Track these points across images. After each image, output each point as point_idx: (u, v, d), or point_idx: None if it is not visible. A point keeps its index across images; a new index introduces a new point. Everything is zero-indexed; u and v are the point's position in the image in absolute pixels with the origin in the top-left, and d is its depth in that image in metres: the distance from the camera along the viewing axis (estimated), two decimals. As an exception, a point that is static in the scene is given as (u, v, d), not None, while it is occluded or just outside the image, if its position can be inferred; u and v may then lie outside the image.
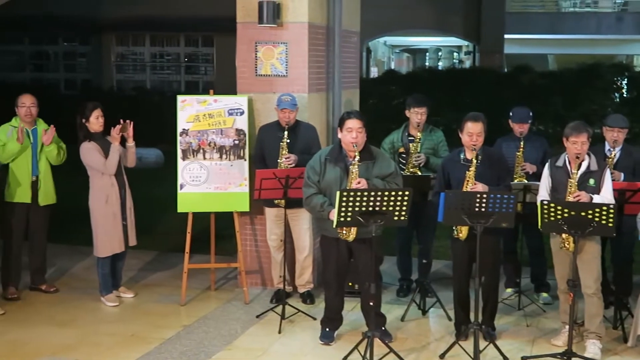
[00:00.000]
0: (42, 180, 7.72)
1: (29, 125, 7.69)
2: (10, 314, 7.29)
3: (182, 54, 24.55)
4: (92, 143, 7.35)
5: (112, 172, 7.36)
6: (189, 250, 7.63)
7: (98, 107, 7.44)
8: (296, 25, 7.63)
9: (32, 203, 7.67)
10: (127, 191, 7.57)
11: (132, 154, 7.57)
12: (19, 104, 7.67)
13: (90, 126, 7.38)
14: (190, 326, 7.03)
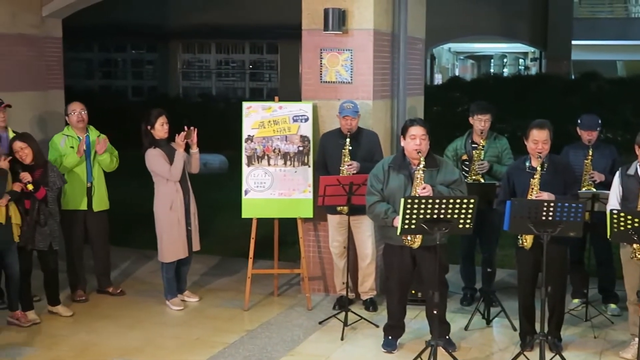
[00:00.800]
0: (96, 187, 7.87)
1: (81, 131, 7.84)
2: (79, 316, 7.44)
3: (247, 61, 24.79)
4: (157, 150, 7.45)
5: (176, 178, 7.45)
6: (253, 255, 7.68)
7: (163, 114, 7.55)
8: (361, 32, 7.64)
9: (87, 209, 7.83)
10: (191, 197, 7.66)
11: (196, 160, 7.65)
12: (69, 112, 7.84)
13: (155, 133, 7.48)
14: (253, 331, 7.08)
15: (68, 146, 7.71)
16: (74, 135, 7.79)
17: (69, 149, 7.70)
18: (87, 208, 7.81)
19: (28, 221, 7.02)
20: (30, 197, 7.02)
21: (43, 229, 7.12)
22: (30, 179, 6.95)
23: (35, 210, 7.04)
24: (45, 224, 7.13)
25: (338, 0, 7.61)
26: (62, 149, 7.69)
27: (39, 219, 7.07)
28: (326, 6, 7.56)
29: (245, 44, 24.50)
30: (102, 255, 8.08)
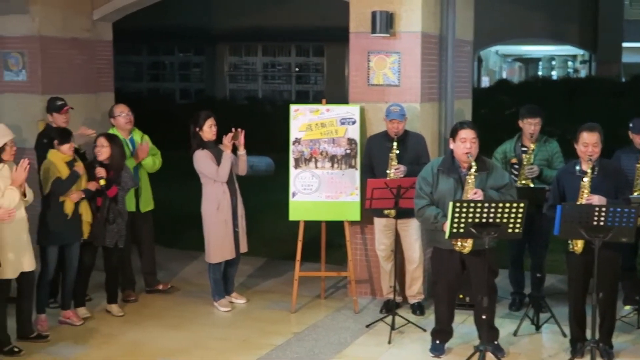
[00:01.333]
0: (142, 188, 7.97)
1: (127, 133, 7.93)
2: (129, 315, 7.53)
3: (293, 64, 24.86)
4: (205, 151, 7.50)
5: (223, 179, 7.50)
6: (300, 258, 7.70)
7: (211, 116, 7.60)
8: (409, 35, 7.62)
9: (135, 211, 7.92)
10: (239, 198, 7.70)
11: (244, 162, 7.69)
12: (116, 114, 7.94)
13: (203, 135, 7.54)
14: (301, 333, 7.09)
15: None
16: (120, 137, 7.89)
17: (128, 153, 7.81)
18: (135, 209, 7.91)
19: (98, 218, 7.17)
20: (102, 195, 7.16)
21: (111, 227, 7.26)
22: (104, 174, 7.09)
23: (106, 208, 7.17)
24: (114, 222, 7.26)
25: (386, 3, 7.60)
26: None
27: (108, 216, 7.20)
28: (374, 9, 7.55)
29: (292, 46, 24.59)
30: (148, 255, 8.19)
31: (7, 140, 6.36)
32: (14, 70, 9.11)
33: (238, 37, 23.96)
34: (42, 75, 9.03)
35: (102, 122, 9.63)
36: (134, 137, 8.00)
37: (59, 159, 6.93)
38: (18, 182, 6.33)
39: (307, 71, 24.85)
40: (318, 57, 24.40)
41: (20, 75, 9.08)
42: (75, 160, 7.05)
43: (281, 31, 22.75)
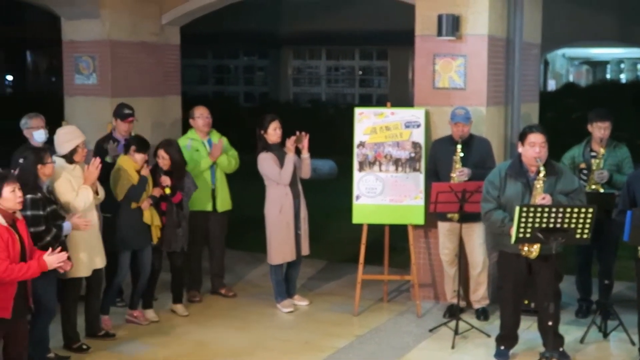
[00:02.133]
0: (219, 188, 8.05)
1: (204, 135, 8.03)
2: (194, 316, 7.63)
3: (357, 67, 24.89)
4: (269, 153, 7.55)
5: (286, 182, 7.53)
6: (363, 261, 7.69)
7: (276, 119, 7.65)
8: (476, 38, 7.56)
9: (212, 210, 8.01)
10: (302, 201, 7.73)
11: (307, 165, 7.71)
12: (196, 116, 8.03)
13: (268, 137, 7.59)
14: (363, 336, 7.08)
15: (194, 149, 7.92)
16: (198, 138, 7.99)
17: (195, 152, 7.91)
18: (211, 209, 8.00)
19: (168, 224, 7.29)
20: (166, 200, 7.28)
21: (178, 231, 7.37)
22: (169, 183, 7.20)
23: (174, 213, 7.29)
24: (180, 227, 7.38)
25: (452, 6, 7.55)
26: (188, 152, 7.90)
27: (175, 222, 7.32)
28: (440, 12, 7.51)
29: (355, 50, 24.63)
30: (218, 256, 8.27)
31: (79, 142, 6.50)
32: (84, 74, 9.32)
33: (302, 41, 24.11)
34: (111, 79, 9.22)
35: (169, 125, 9.82)
36: (212, 138, 8.08)
37: (130, 166, 7.03)
38: (90, 181, 6.48)
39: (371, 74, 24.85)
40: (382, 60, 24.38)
41: (90, 78, 9.29)
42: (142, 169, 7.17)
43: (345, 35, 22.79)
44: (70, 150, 6.45)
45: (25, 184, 5.57)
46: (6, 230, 5.24)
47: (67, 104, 9.58)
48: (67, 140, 6.48)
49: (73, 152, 6.47)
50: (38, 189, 5.97)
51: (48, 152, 6.17)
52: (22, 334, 5.58)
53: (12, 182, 5.31)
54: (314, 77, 25.26)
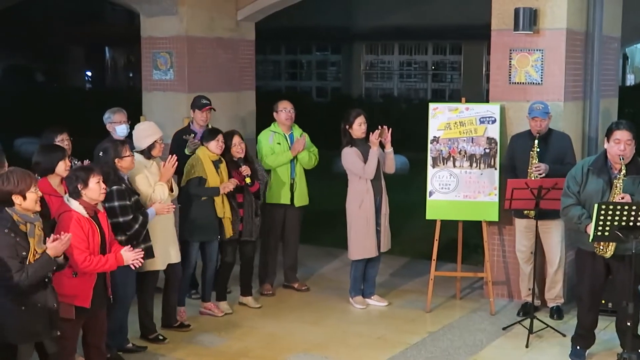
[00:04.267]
0: (298, 183, 8.09)
1: (287, 129, 8.09)
2: (266, 308, 7.71)
3: (430, 62, 24.69)
4: (353, 148, 7.54)
5: (370, 176, 7.50)
6: (436, 257, 7.65)
7: (361, 114, 7.62)
8: (553, 32, 7.43)
9: (289, 204, 8.07)
10: (384, 197, 7.67)
11: (391, 159, 7.67)
12: (279, 109, 8.08)
13: (353, 132, 7.57)
14: (436, 333, 7.05)
15: (275, 142, 7.99)
16: (280, 132, 8.05)
17: (277, 146, 7.98)
18: (289, 203, 8.07)
19: (247, 213, 7.38)
20: (243, 190, 7.36)
21: (255, 220, 7.47)
22: (249, 172, 7.28)
23: (253, 203, 7.38)
24: (258, 216, 7.48)
25: (530, 0, 7.43)
26: (270, 145, 7.98)
27: (254, 210, 7.41)
28: (517, 5, 7.41)
29: (429, 44, 24.42)
30: (292, 250, 8.33)
31: (156, 137, 6.64)
32: (162, 70, 9.50)
33: (375, 36, 24.01)
34: (188, 74, 9.37)
35: (244, 120, 9.93)
36: (294, 133, 8.14)
37: (206, 156, 7.16)
38: (166, 178, 6.61)
39: (444, 69, 24.61)
40: (455, 55, 24.11)
41: (168, 74, 9.46)
42: (220, 160, 7.26)
43: (418, 29, 22.62)
44: (148, 145, 6.59)
45: (105, 177, 5.70)
46: (87, 222, 5.38)
47: (145, 99, 9.77)
48: (146, 136, 6.62)
49: (151, 148, 6.61)
50: (121, 180, 6.13)
51: (127, 145, 6.30)
52: (101, 324, 5.73)
53: (97, 174, 5.45)
54: (386, 72, 25.14)
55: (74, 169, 5.64)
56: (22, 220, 4.85)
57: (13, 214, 4.84)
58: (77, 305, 5.36)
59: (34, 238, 4.87)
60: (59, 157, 5.89)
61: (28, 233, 4.85)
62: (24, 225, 4.85)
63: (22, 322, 4.87)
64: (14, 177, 4.86)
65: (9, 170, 4.98)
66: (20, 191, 4.85)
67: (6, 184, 4.84)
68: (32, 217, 4.91)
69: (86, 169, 5.51)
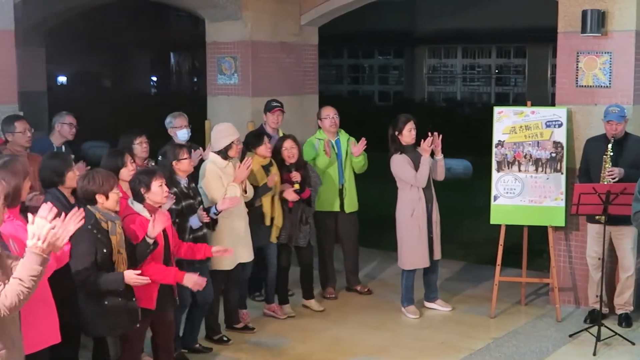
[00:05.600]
0: (347, 189, 8.09)
1: (333, 136, 8.09)
2: (329, 312, 7.73)
3: (493, 66, 24.46)
4: (403, 155, 7.43)
5: (422, 184, 7.39)
6: (500, 262, 7.57)
7: (411, 119, 7.54)
8: (622, 34, 7.29)
9: (340, 211, 8.07)
10: (435, 205, 7.58)
11: (441, 167, 7.58)
12: (323, 116, 8.11)
13: (402, 138, 7.48)
14: (500, 339, 6.97)
15: (321, 149, 8.02)
16: (325, 138, 8.08)
17: (322, 152, 8.01)
18: (339, 209, 8.08)
19: (292, 220, 7.39)
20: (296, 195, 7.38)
21: (305, 227, 7.49)
22: (299, 179, 7.31)
23: (300, 209, 7.41)
24: (307, 223, 7.50)
25: (598, 1, 7.31)
26: (316, 151, 8.01)
27: (302, 218, 7.44)
28: (585, 7, 7.29)
29: (492, 48, 24.20)
30: (351, 254, 8.34)
31: (234, 139, 6.71)
32: (226, 74, 9.60)
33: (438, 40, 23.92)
34: (252, 78, 9.45)
35: (306, 124, 9.96)
36: (340, 138, 8.16)
37: (256, 162, 7.13)
38: (240, 179, 6.68)
39: (508, 73, 24.36)
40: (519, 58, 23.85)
41: (232, 78, 9.56)
42: (271, 164, 7.28)
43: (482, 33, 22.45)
44: (225, 146, 6.67)
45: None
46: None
47: (209, 104, 9.89)
48: (223, 137, 6.70)
49: (228, 148, 6.68)
50: (175, 184, 6.19)
51: (185, 149, 6.35)
52: (168, 325, 5.81)
53: (160, 177, 5.54)
54: (449, 75, 25.01)
55: (137, 172, 5.73)
56: (104, 218, 5.01)
57: (96, 212, 4.99)
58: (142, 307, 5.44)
59: (116, 236, 5.03)
60: (122, 163, 5.98)
61: (110, 231, 5.00)
62: (106, 223, 5.00)
63: (105, 315, 5.07)
64: (98, 177, 5.06)
65: (94, 171, 5.17)
66: (104, 191, 5.03)
67: (91, 184, 5.02)
68: (113, 215, 5.07)
69: (148, 172, 5.60)
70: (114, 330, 5.20)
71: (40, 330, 4.49)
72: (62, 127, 7.53)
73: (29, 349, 4.39)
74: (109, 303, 5.05)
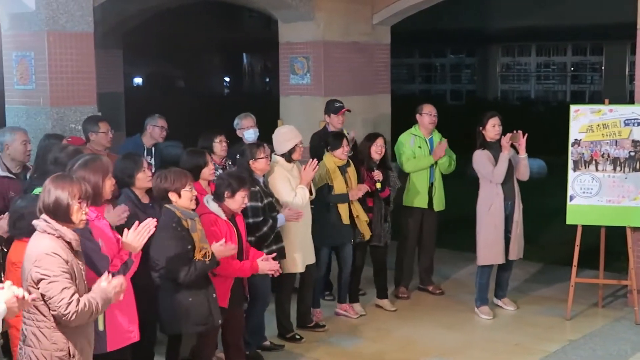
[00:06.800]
0: (437, 187, 8.04)
1: (428, 133, 8.05)
2: (401, 311, 7.70)
3: (569, 63, 24.00)
4: (485, 151, 7.41)
5: (498, 180, 7.34)
6: (577, 263, 7.42)
7: (495, 115, 7.48)
8: None
9: (427, 208, 8.03)
10: (517, 203, 7.46)
11: (524, 166, 7.46)
12: (424, 112, 8.04)
13: (486, 134, 7.44)
14: (576, 342, 6.85)
15: (416, 146, 7.98)
16: (421, 135, 8.03)
17: (417, 149, 7.97)
18: (427, 207, 8.04)
19: (375, 219, 7.39)
20: (373, 195, 7.38)
21: (384, 226, 7.49)
22: (381, 178, 7.31)
23: (382, 208, 7.41)
24: (387, 221, 7.50)
25: (679, -4, 7.12)
26: (411, 148, 7.97)
27: (383, 216, 7.44)
28: (665, 3, 7.11)
29: (568, 45, 23.75)
30: (428, 253, 8.30)
31: (297, 141, 6.74)
32: (299, 74, 9.67)
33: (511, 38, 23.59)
34: (324, 78, 9.50)
35: (378, 123, 9.97)
36: (434, 137, 8.12)
37: (331, 162, 7.16)
38: (306, 181, 6.70)
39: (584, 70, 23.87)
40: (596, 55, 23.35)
41: (305, 78, 9.63)
42: (348, 164, 7.29)
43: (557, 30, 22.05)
44: (289, 149, 6.71)
45: None
46: (225, 224, 5.54)
47: (282, 104, 9.97)
48: (286, 140, 6.74)
49: (291, 151, 6.71)
50: (255, 182, 6.26)
51: (262, 148, 6.40)
52: (238, 322, 5.89)
53: (246, 189, 5.60)
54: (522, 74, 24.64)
55: (230, 174, 5.77)
56: (183, 216, 5.09)
57: (175, 211, 5.09)
58: (216, 305, 5.53)
59: (197, 233, 5.11)
60: (204, 162, 6.08)
61: (190, 229, 5.08)
62: (186, 221, 5.08)
63: (188, 312, 5.14)
64: (170, 175, 5.16)
65: (167, 170, 5.26)
66: (176, 189, 5.11)
67: (163, 182, 5.12)
68: (191, 213, 5.16)
69: (240, 180, 5.62)
70: (193, 327, 5.26)
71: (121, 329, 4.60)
72: (153, 130, 7.73)
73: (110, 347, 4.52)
74: (192, 300, 5.12)
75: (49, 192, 3.90)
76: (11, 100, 7.78)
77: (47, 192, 3.91)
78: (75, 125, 7.47)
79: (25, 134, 6.57)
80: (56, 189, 3.89)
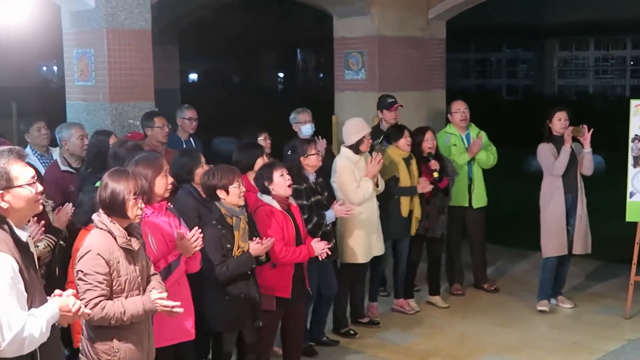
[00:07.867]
0: (475, 184, 7.98)
1: (463, 130, 7.98)
2: (455, 309, 7.65)
3: (628, 57, 23.55)
4: (549, 144, 7.34)
5: (559, 173, 7.26)
6: (637, 261, 7.28)
7: (563, 109, 7.43)
8: None
9: (467, 206, 7.98)
10: (580, 198, 7.38)
11: (588, 160, 7.33)
12: (453, 110, 8.02)
13: (552, 127, 7.37)
14: (636, 341, 6.72)
15: (451, 144, 7.94)
16: (456, 132, 8.00)
17: (453, 147, 7.92)
18: (467, 204, 7.99)
19: (430, 211, 7.35)
20: (433, 185, 7.32)
21: (442, 217, 7.45)
22: (438, 167, 7.27)
23: (439, 200, 7.38)
24: (444, 212, 7.45)
25: None
26: (447, 146, 7.93)
27: (439, 207, 7.40)
28: None
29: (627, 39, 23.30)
30: (479, 251, 8.23)
31: (365, 133, 6.75)
32: (354, 69, 9.66)
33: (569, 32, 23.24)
34: (379, 74, 9.47)
35: (434, 118, 9.90)
36: (470, 133, 8.05)
37: (396, 154, 7.17)
38: (372, 174, 6.71)
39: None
40: (657, 49, 22.87)
41: (359, 73, 9.61)
42: (411, 157, 7.26)
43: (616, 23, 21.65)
44: (357, 141, 6.72)
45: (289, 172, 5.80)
46: (281, 214, 5.57)
47: (336, 99, 9.97)
48: (354, 132, 6.75)
49: (359, 143, 6.72)
50: (303, 179, 6.25)
51: (312, 144, 6.39)
52: (299, 315, 5.90)
53: (279, 167, 5.62)
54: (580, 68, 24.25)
55: (259, 168, 5.82)
56: (228, 213, 5.12)
57: (221, 208, 5.12)
58: (278, 297, 5.54)
59: (239, 231, 5.12)
60: (258, 155, 6.11)
61: (234, 226, 5.11)
62: (230, 218, 5.11)
63: (226, 311, 5.13)
64: (218, 172, 5.16)
65: (215, 166, 5.27)
66: (224, 186, 5.12)
67: (211, 179, 5.14)
68: (237, 210, 5.17)
69: (268, 165, 5.69)
70: (234, 325, 5.25)
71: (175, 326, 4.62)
72: (182, 122, 7.77)
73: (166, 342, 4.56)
74: (231, 298, 5.11)
75: (105, 186, 3.96)
76: (72, 96, 7.93)
77: (104, 186, 3.96)
78: (133, 120, 7.57)
79: (82, 129, 6.68)
80: (112, 183, 3.95)
